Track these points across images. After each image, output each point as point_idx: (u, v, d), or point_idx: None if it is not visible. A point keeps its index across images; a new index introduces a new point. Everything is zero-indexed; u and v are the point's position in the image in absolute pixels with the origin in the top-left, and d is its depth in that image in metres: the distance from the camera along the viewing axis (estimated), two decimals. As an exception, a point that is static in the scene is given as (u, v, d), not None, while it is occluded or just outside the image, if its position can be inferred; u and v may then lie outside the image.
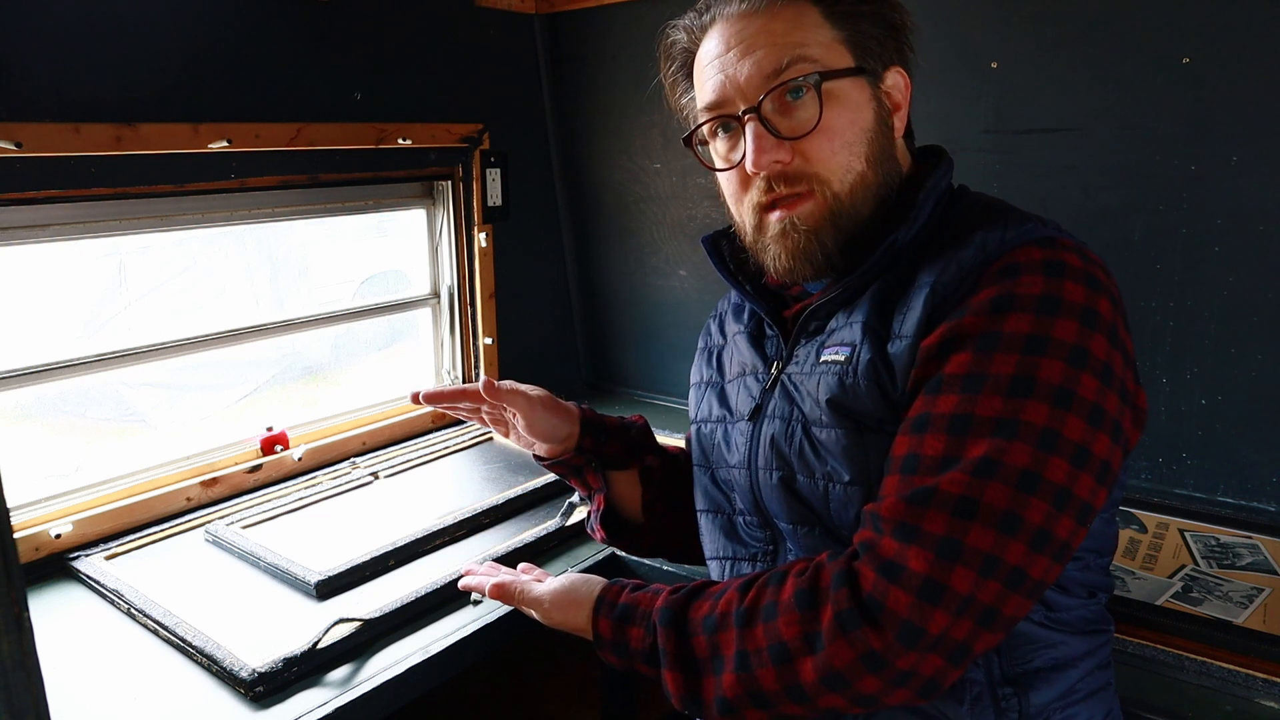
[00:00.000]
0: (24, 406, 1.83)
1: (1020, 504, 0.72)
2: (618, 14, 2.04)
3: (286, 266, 3.13)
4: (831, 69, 0.85)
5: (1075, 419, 0.73)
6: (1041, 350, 0.74)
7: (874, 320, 0.85)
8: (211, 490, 1.61)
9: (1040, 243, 0.79)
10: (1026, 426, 0.72)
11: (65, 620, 1.26)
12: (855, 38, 0.87)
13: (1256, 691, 1.01)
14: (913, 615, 0.71)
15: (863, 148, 0.87)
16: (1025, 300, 0.76)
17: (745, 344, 1.02)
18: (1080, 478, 0.73)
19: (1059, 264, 0.77)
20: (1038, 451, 0.72)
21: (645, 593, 0.91)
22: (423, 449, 1.85)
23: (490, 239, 2.06)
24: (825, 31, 0.86)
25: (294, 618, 1.22)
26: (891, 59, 0.90)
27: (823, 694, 0.76)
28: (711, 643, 0.82)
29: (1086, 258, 0.79)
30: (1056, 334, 0.74)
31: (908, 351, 0.81)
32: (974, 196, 0.92)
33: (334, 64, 1.70)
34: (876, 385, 0.83)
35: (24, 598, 0.65)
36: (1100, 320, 0.76)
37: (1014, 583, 0.72)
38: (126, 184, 1.45)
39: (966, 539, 0.71)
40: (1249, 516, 1.44)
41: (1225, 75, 1.38)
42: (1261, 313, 1.41)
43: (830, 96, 0.85)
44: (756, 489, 0.95)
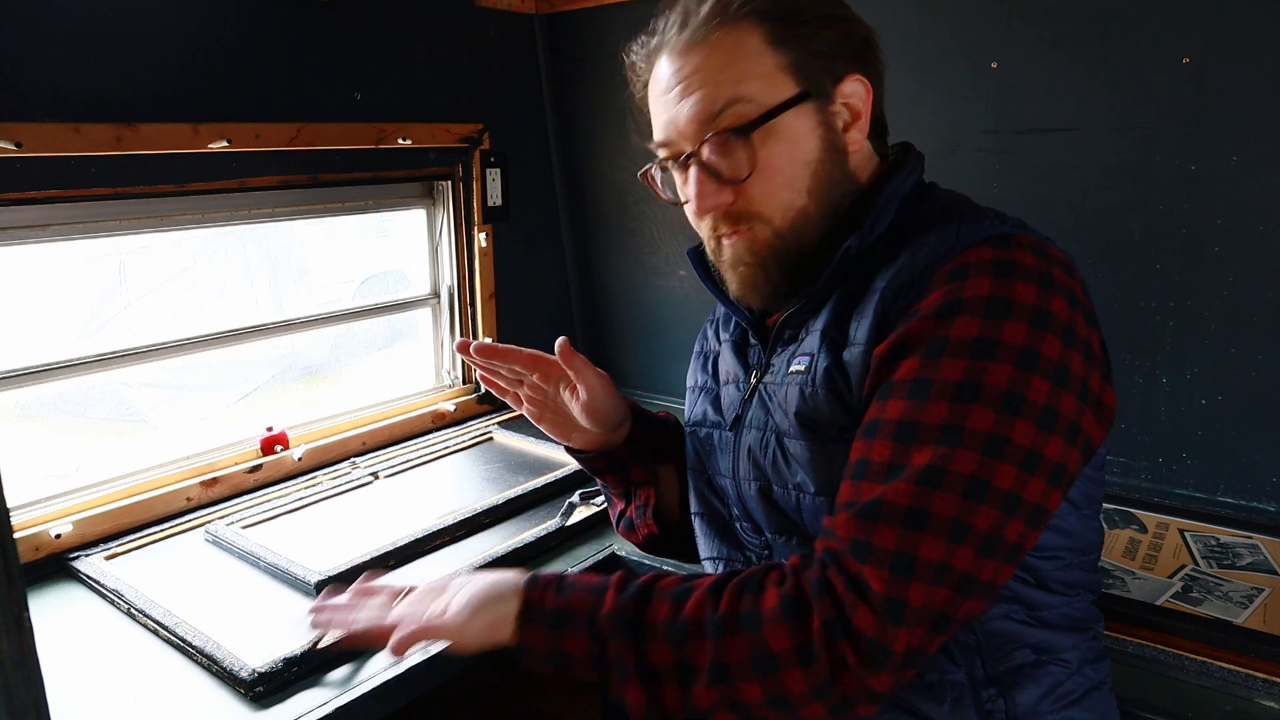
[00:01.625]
0: (24, 406, 1.83)
1: (967, 512, 0.71)
2: (618, 14, 2.04)
3: (286, 266, 3.13)
4: (769, 107, 0.83)
5: (1024, 423, 0.72)
6: (989, 354, 0.73)
7: (831, 329, 0.85)
8: (211, 490, 1.61)
9: (993, 241, 0.78)
10: (971, 434, 0.72)
11: (65, 620, 1.26)
12: (801, 59, 0.84)
13: (1256, 691, 1.01)
14: (878, 635, 0.71)
15: (805, 182, 0.86)
16: (973, 303, 0.74)
17: (730, 353, 1.02)
18: (1030, 482, 0.72)
19: (1009, 264, 0.76)
20: (983, 458, 0.71)
21: (578, 592, 0.82)
22: (423, 449, 1.85)
23: (490, 239, 2.06)
24: (766, 59, 0.84)
25: (294, 618, 1.22)
26: (847, 68, 0.87)
27: (809, 703, 0.74)
28: (679, 653, 0.77)
29: (1044, 255, 0.77)
30: (1005, 336, 0.73)
31: (861, 358, 0.81)
32: (936, 195, 0.91)
33: (334, 64, 1.70)
34: (834, 393, 0.82)
35: (24, 598, 0.65)
36: (1053, 320, 0.74)
37: (965, 589, 0.72)
38: (126, 184, 1.45)
39: (918, 552, 0.71)
40: (1249, 516, 1.44)
41: (1225, 75, 1.38)
42: (1261, 313, 1.41)
43: (769, 135, 0.84)
44: (741, 498, 0.95)
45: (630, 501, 1.15)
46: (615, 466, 1.10)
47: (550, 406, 1.06)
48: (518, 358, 1.01)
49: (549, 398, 1.06)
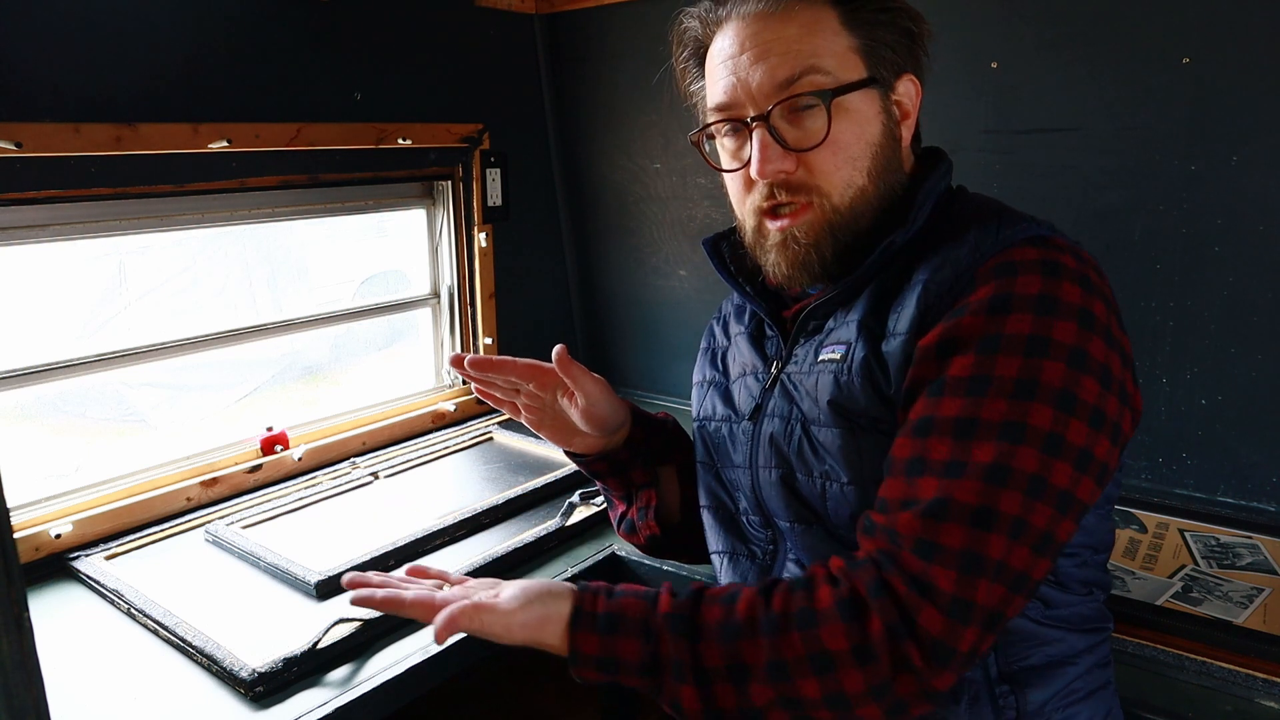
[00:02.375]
0: (24, 406, 1.83)
1: (1029, 510, 0.72)
2: (618, 14, 2.04)
3: (286, 266, 3.13)
4: (843, 82, 0.85)
5: (1079, 423, 0.73)
6: (1044, 352, 0.74)
7: (869, 319, 0.86)
8: (211, 490, 1.61)
9: (1035, 242, 0.79)
10: (1033, 430, 0.73)
11: (65, 620, 1.26)
12: (870, 46, 0.86)
13: (1256, 691, 1.01)
14: (945, 635, 0.71)
15: (866, 161, 0.87)
16: (1024, 300, 0.76)
17: (746, 344, 1.02)
18: (1082, 481, 0.74)
19: (1055, 264, 0.77)
20: (1044, 455, 0.72)
21: (629, 598, 0.81)
22: (423, 449, 1.85)
23: (490, 239, 2.06)
24: (841, 39, 0.85)
25: (294, 618, 1.22)
26: (904, 66, 0.89)
27: (865, 704, 0.74)
28: (731, 651, 0.76)
29: (1080, 258, 0.80)
30: (1057, 335, 0.74)
31: (902, 349, 0.81)
32: (971, 196, 0.92)
33: (334, 64, 1.70)
34: (870, 383, 0.83)
35: (24, 598, 0.65)
36: (1097, 322, 0.76)
37: (1018, 586, 0.73)
38: (126, 184, 1.45)
39: (986, 551, 0.71)
40: (1249, 516, 1.44)
41: (1225, 75, 1.38)
42: (1261, 313, 1.41)
43: (839, 110, 0.85)
44: (757, 487, 0.95)
45: (631, 503, 1.14)
46: (616, 469, 1.10)
47: (549, 414, 1.04)
48: (513, 368, 0.99)
49: (547, 405, 1.04)
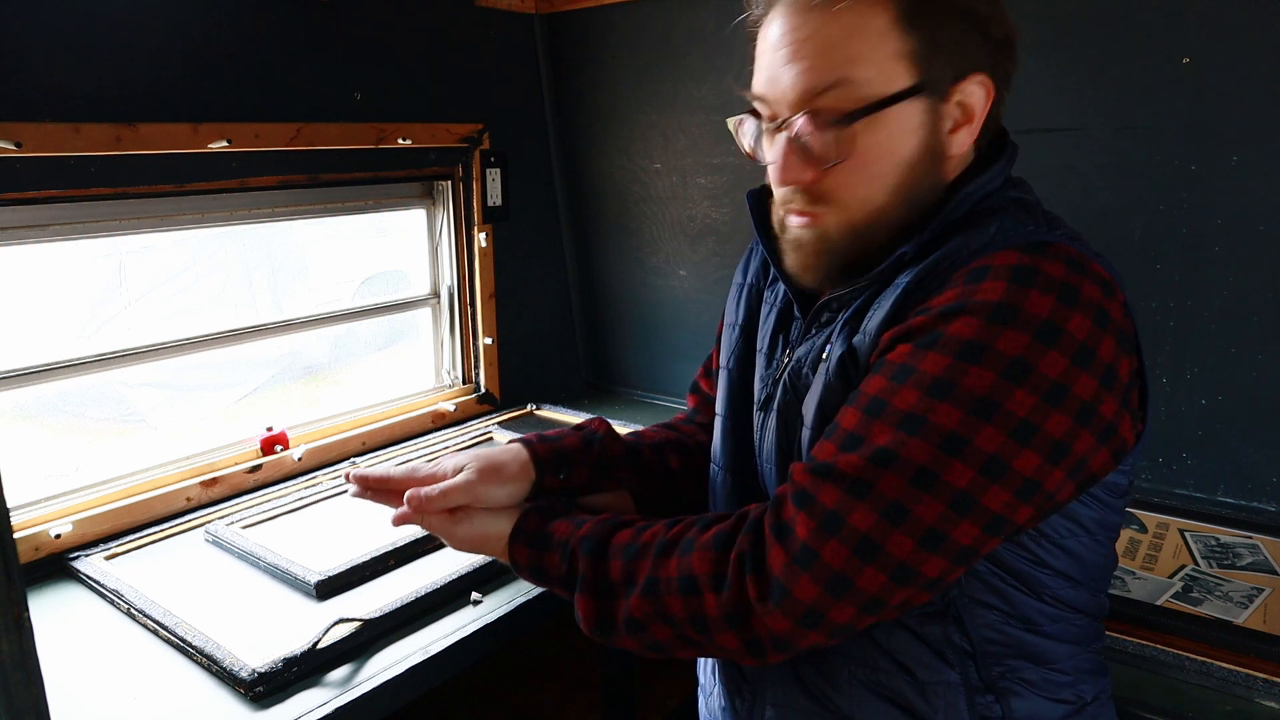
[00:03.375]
0: (24, 406, 1.83)
1: (911, 498, 0.72)
2: (618, 14, 2.04)
3: (286, 266, 3.13)
4: (876, 98, 0.78)
5: (993, 430, 0.71)
6: (975, 358, 0.71)
7: (852, 318, 0.84)
8: (211, 490, 1.61)
9: (1025, 247, 0.75)
10: (931, 427, 0.72)
11: (65, 620, 1.26)
12: (925, 49, 0.78)
13: (1256, 691, 1.01)
14: (784, 577, 0.74)
15: (891, 179, 0.82)
16: (979, 307, 0.73)
17: (774, 320, 0.98)
18: (990, 488, 0.71)
19: (1030, 271, 0.73)
20: (937, 452, 0.72)
21: (565, 521, 0.91)
22: (423, 449, 1.85)
23: (490, 239, 2.06)
24: (887, 43, 0.78)
25: (294, 618, 1.22)
26: (973, 66, 0.80)
27: (722, 630, 0.78)
28: (627, 569, 0.84)
29: (1079, 268, 0.74)
30: (999, 345, 0.71)
31: (869, 348, 0.80)
32: (1003, 194, 0.85)
33: (334, 64, 1.70)
34: (844, 381, 0.82)
35: (24, 598, 0.65)
36: (1064, 337, 0.71)
37: (901, 577, 0.73)
38: (126, 184, 1.45)
39: (849, 517, 0.73)
40: (1249, 516, 1.44)
41: (1225, 75, 1.38)
42: (1261, 313, 1.41)
43: (869, 126, 0.79)
44: (763, 483, 0.94)
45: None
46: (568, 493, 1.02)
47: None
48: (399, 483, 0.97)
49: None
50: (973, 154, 0.87)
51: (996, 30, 0.81)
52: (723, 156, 1.97)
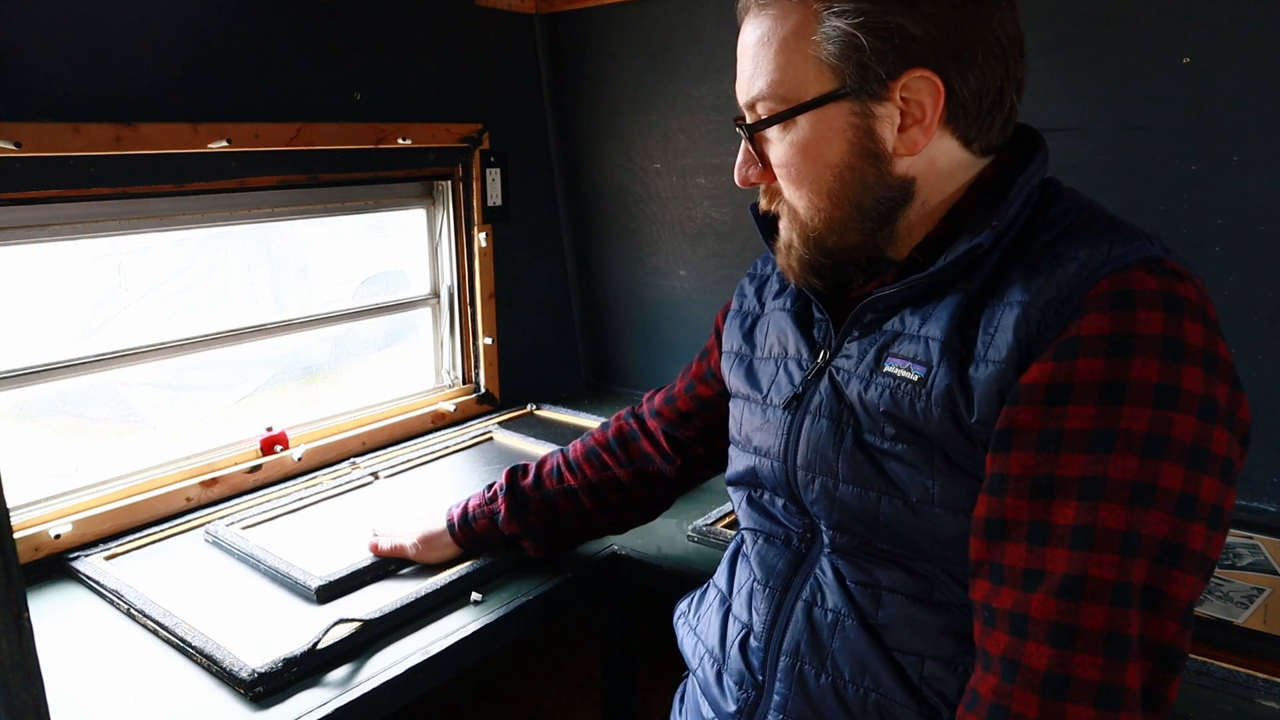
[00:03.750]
0: (24, 406, 1.83)
1: (1162, 578, 0.67)
2: (618, 14, 2.04)
3: (286, 266, 3.13)
4: (794, 104, 0.79)
5: (1210, 479, 0.68)
6: (1173, 404, 0.67)
7: (954, 339, 0.77)
8: (211, 490, 1.61)
9: (1149, 266, 0.71)
10: (1164, 493, 0.67)
11: (65, 620, 1.26)
12: (850, 51, 0.76)
13: (1256, 691, 1.01)
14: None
15: (827, 184, 0.81)
16: (1147, 342, 0.68)
17: (790, 324, 0.95)
18: (1214, 540, 0.69)
19: (1176, 297, 0.69)
20: (1175, 519, 0.67)
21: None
22: (423, 449, 1.85)
23: (490, 239, 2.06)
24: (805, 46, 0.78)
25: (294, 618, 1.22)
26: (911, 61, 0.76)
27: None
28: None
29: (1198, 288, 0.72)
30: (1185, 384, 0.68)
31: (995, 379, 0.73)
32: (1069, 197, 0.82)
33: (334, 64, 1.70)
34: (950, 411, 0.76)
35: (24, 598, 0.65)
36: (1220, 362, 0.70)
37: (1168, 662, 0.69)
38: (126, 184, 1.45)
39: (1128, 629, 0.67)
40: (1249, 516, 1.44)
41: (1225, 75, 1.38)
42: (1261, 313, 1.41)
43: (788, 132, 0.82)
44: (794, 485, 0.89)
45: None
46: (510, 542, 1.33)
47: None
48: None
49: None
50: (966, 154, 0.83)
51: (940, 19, 0.76)
52: (723, 156, 1.97)
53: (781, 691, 0.87)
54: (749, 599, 0.94)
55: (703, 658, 0.99)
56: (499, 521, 1.28)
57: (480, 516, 1.30)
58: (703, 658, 0.99)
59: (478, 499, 1.31)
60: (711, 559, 1.36)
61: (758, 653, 0.90)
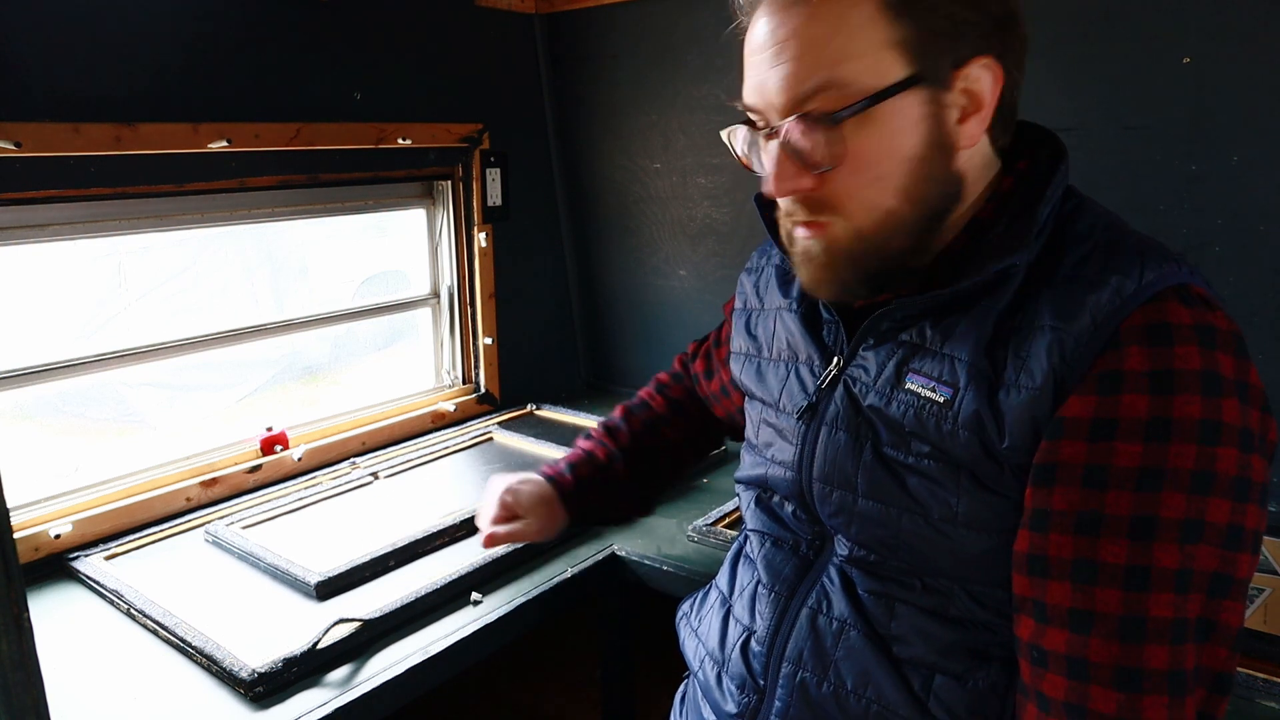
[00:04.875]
0: (24, 406, 1.83)
1: (1214, 610, 0.67)
2: (618, 14, 2.04)
3: (286, 266, 3.13)
4: (868, 92, 0.72)
5: (1253, 507, 0.68)
6: (1216, 439, 0.66)
7: (982, 361, 0.74)
8: (211, 490, 1.61)
9: (1182, 296, 0.69)
10: (1212, 527, 0.66)
11: (65, 620, 1.26)
12: (919, 35, 0.72)
13: (1256, 691, 1.01)
14: None
15: (898, 179, 0.75)
16: (1187, 377, 0.67)
17: (797, 326, 0.91)
18: (1252, 564, 0.69)
19: (1211, 329, 0.68)
20: (1225, 552, 0.67)
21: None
22: (423, 449, 1.85)
23: (490, 239, 2.06)
24: (876, 33, 0.72)
25: (294, 618, 1.22)
26: (976, 49, 0.73)
27: None
28: None
29: (1225, 314, 0.71)
30: (1226, 418, 0.67)
31: (1027, 406, 0.71)
32: (1095, 213, 0.80)
33: (334, 64, 1.70)
34: (978, 436, 0.74)
35: (24, 598, 0.65)
36: (1251, 390, 0.69)
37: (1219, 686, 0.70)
38: (126, 184, 1.45)
39: (1186, 664, 0.67)
40: (1249, 516, 1.44)
41: (1225, 75, 1.38)
42: (1261, 313, 1.41)
43: (863, 123, 0.73)
44: (808, 496, 0.87)
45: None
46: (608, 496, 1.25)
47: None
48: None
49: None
50: (992, 153, 0.81)
51: (996, 7, 0.74)
52: (723, 156, 1.97)
53: (783, 698, 0.86)
54: (752, 601, 0.93)
55: (703, 660, 0.98)
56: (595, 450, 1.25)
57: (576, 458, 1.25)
58: (703, 660, 0.98)
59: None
60: (711, 559, 1.36)
61: (760, 657, 0.89)
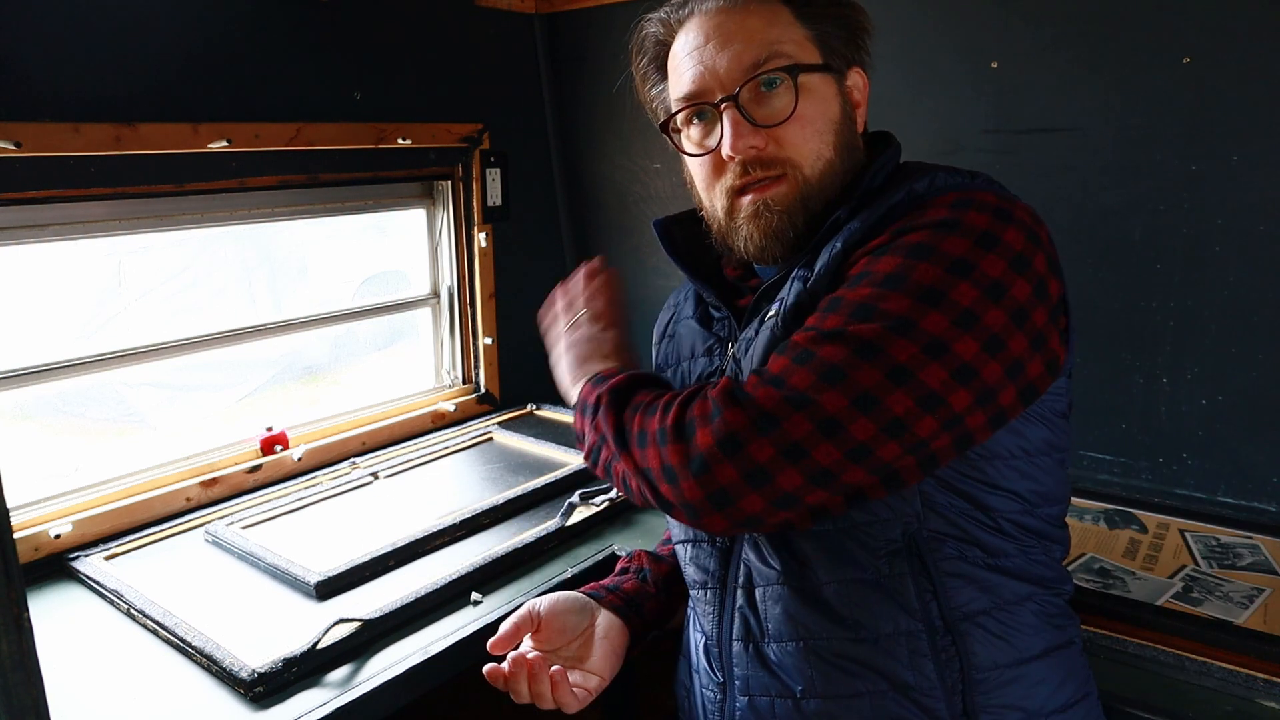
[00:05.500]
0: (24, 406, 1.83)
1: (884, 389, 0.75)
2: (618, 14, 2.04)
3: (286, 266, 3.13)
4: (805, 63, 0.90)
5: (939, 315, 0.76)
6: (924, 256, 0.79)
7: (801, 273, 0.89)
8: (211, 490, 1.61)
9: (959, 188, 0.85)
10: (950, 303, 0.76)
11: (65, 620, 1.26)
12: (822, 38, 0.92)
13: (1257, 691, 1.01)
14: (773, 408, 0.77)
15: (831, 136, 0.92)
16: (926, 222, 0.81)
17: (695, 328, 1.06)
18: (990, 365, 0.76)
19: (968, 199, 0.82)
20: (953, 328, 0.75)
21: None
22: (423, 449, 1.85)
23: (490, 239, 2.06)
24: (796, 30, 0.91)
25: (294, 618, 1.22)
26: (852, 60, 0.95)
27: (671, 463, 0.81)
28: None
29: (1008, 198, 0.84)
30: (944, 247, 0.78)
31: (827, 277, 0.85)
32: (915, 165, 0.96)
33: (334, 64, 1.70)
34: (800, 321, 0.86)
35: (24, 598, 0.65)
36: (1001, 245, 0.79)
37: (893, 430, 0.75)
38: (126, 184, 1.45)
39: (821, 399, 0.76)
40: (1249, 517, 1.44)
41: (1225, 75, 1.38)
42: (1262, 313, 1.41)
43: (804, 88, 0.90)
44: None
45: None
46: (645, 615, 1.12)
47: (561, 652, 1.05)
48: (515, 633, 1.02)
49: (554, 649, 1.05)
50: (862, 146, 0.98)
51: (863, 27, 0.95)
52: (723, 156, 1.97)
53: (741, 676, 0.93)
54: (696, 605, 1.02)
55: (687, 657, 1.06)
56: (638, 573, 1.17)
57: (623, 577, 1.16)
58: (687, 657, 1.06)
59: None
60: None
61: (714, 652, 0.97)
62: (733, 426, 0.77)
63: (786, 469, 0.76)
